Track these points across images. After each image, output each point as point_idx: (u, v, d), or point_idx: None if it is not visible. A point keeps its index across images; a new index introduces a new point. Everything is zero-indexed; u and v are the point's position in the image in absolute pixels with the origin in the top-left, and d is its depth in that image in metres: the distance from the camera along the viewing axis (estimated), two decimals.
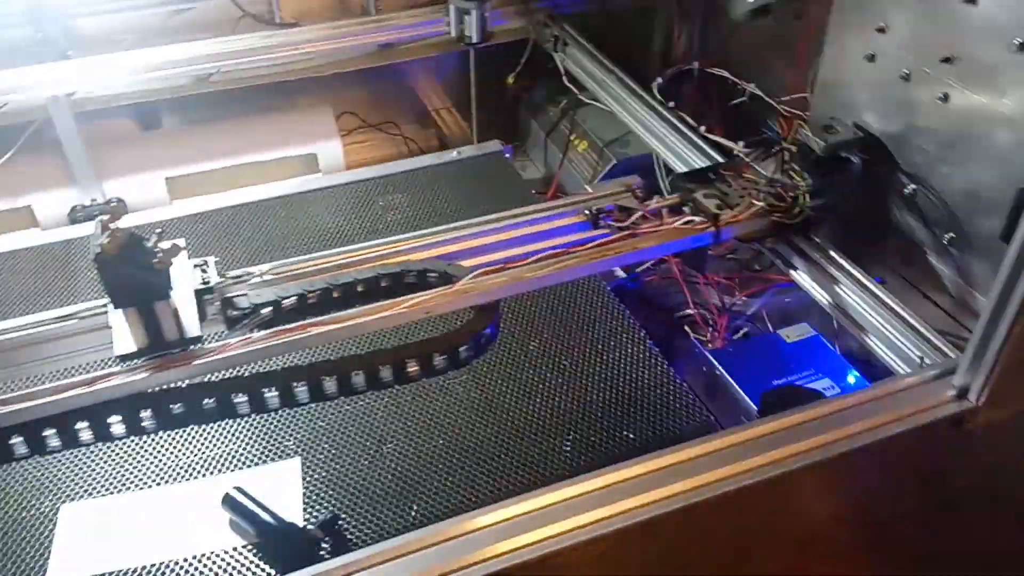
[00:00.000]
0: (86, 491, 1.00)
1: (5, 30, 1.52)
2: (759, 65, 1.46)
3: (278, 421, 1.08)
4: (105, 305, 0.88)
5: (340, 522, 0.95)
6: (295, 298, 0.93)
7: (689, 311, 1.41)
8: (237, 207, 1.51)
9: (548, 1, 1.65)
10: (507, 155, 1.70)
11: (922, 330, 0.98)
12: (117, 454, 1.04)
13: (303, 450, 1.05)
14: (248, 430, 1.08)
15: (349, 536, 0.95)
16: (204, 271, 0.93)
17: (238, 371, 0.92)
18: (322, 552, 0.92)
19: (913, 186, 1.09)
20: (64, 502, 0.99)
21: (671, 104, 1.35)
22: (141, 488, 1.01)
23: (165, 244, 0.79)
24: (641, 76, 1.50)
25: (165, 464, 1.03)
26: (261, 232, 1.45)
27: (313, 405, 1.02)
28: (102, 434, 0.81)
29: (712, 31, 1.59)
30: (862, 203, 1.09)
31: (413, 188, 1.60)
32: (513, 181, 1.64)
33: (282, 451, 1.05)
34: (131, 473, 1.02)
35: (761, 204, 1.05)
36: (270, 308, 0.92)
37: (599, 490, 0.77)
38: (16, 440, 0.79)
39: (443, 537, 0.73)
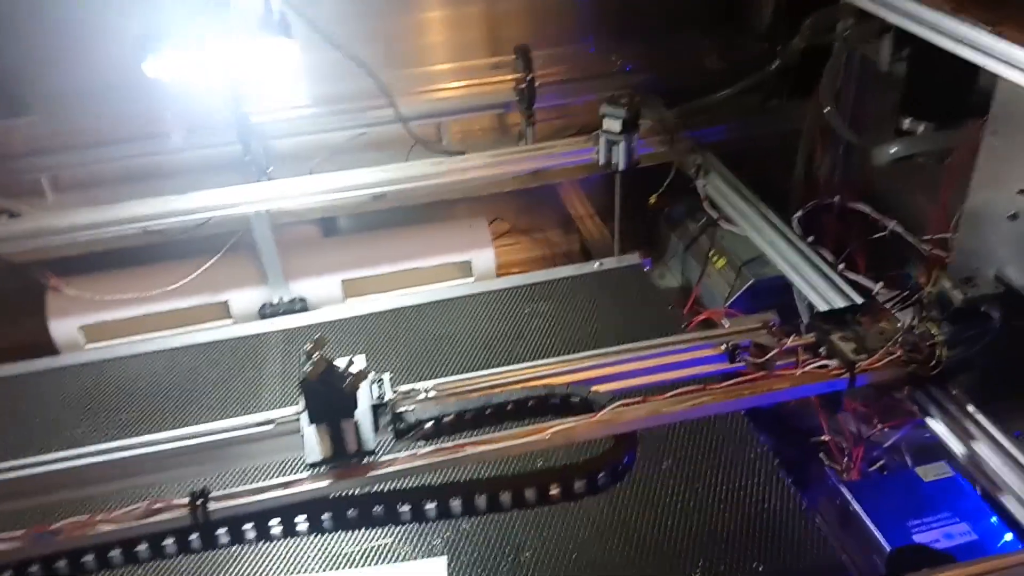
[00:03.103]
0: (259, 572, 1.15)
1: (222, 147, 1.80)
2: (902, 201, 1.49)
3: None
4: (298, 415, 1.03)
5: None
6: (453, 415, 1.05)
7: (825, 437, 1.43)
8: (402, 309, 1.68)
9: (693, 131, 1.75)
10: (646, 268, 1.80)
11: None
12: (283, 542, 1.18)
13: (449, 549, 1.16)
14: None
15: None
16: (380, 386, 1.07)
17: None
18: None
19: None
20: None
21: (810, 239, 1.40)
22: (307, 572, 1.15)
23: (355, 368, 0.93)
24: (781, 204, 1.57)
25: (328, 552, 1.17)
26: (420, 332, 1.61)
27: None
28: (289, 530, 0.95)
29: (855, 164, 1.64)
30: (1002, 358, 1.10)
31: (556, 296, 1.73)
32: (651, 295, 1.73)
33: (430, 549, 1.17)
34: (298, 559, 1.16)
35: (898, 353, 1.08)
36: (432, 423, 1.04)
37: None
38: (220, 532, 0.94)
39: None
